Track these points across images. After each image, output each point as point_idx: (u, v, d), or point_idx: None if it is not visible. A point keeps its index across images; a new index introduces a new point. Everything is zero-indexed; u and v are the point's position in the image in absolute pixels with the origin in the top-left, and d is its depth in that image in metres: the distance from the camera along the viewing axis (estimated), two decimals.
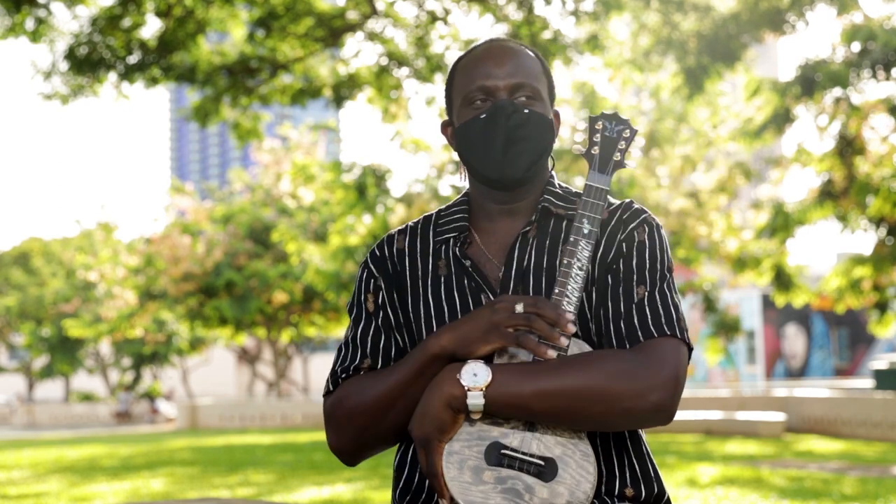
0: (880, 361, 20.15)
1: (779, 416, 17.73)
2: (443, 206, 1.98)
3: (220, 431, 25.32)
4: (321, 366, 56.13)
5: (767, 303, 35.52)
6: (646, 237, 1.82)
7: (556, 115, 1.92)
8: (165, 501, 3.04)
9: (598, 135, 1.84)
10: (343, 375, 1.88)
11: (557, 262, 1.81)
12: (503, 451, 1.67)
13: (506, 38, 1.93)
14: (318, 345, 40.51)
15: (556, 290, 1.73)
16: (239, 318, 30.20)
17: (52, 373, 45.15)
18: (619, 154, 1.83)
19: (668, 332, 1.74)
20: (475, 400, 1.66)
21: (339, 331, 32.72)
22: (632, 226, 1.83)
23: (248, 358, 38.68)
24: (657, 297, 1.78)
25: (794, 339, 37.89)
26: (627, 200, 1.88)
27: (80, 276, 39.82)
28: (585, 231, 1.75)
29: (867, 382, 23.36)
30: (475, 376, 1.66)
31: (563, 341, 1.69)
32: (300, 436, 21.11)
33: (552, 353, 1.67)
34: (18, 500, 9.69)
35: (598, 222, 1.77)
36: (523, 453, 1.67)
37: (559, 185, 1.93)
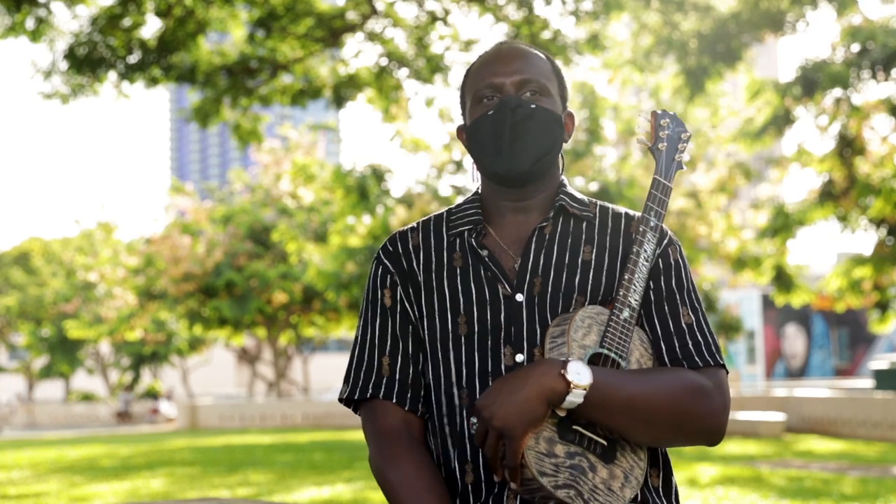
0: (880, 361, 20.15)
1: (779, 416, 17.73)
2: (452, 206, 1.98)
3: (220, 431, 25.31)
4: (321, 366, 56.11)
5: (767, 303, 35.53)
6: (678, 257, 1.88)
7: (570, 115, 1.93)
8: (165, 501, 3.04)
9: (664, 132, 1.90)
10: (369, 385, 1.87)
11: (579, 261, 1.83)
12: (575, 427, 1.68)
13: (516, 41, 1.96)
14: (318, 345, 40.46)
15: (626, 277, 1.79)
16: (239, 318, 30.18)
17: (52, 373, 45.14)
18: (679, 154, 1.89)
19: (721, 362, 1.82)
20: (575, 398, 1.65)
21: (339, 331, 32.69)
22: (665, 242, 1.87)
23: (248, 358, 38.66)
24: (703, 323, 1.84)
25: (794, 339, 37.88)
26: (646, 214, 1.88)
27: (80, 277, 39.82)
28: (652, 224, 1.82)
29: (867, 382, 23.35)
30: (579, 374, 1.65)
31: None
32: (300, 436, 21.11)
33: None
34: (18, 500, 9.68)
35: (662, 217, 1.84)
36: (592, 432, 1.69)
37: (571, 188, 1.95)
